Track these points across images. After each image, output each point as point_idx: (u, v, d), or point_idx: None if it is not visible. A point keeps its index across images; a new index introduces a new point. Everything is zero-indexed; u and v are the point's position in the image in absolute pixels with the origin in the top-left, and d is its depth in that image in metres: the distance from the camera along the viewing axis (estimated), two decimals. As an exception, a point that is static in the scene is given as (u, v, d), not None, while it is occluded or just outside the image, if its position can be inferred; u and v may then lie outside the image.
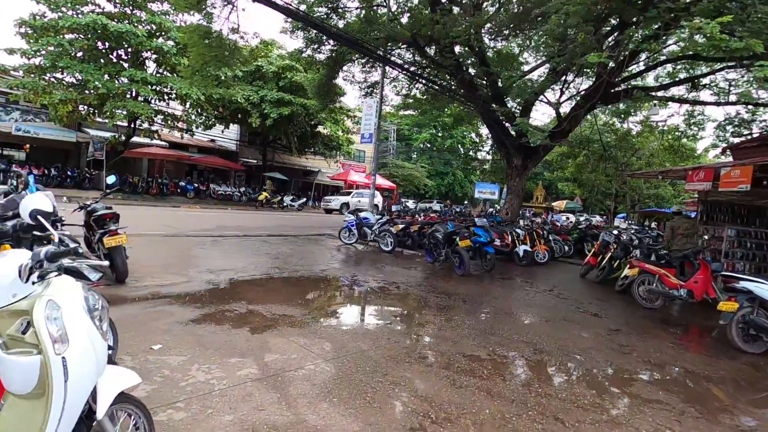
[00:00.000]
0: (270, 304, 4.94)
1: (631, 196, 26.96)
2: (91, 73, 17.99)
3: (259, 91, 23.82)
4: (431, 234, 9.07)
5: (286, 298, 5.30)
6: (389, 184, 36.95)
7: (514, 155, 16.18)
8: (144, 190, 23.17)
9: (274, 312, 4.64)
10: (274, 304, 4.95)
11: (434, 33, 10.63)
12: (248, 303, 4.92)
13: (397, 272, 8.00)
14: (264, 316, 4.48)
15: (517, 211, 17.03)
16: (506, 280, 8.40)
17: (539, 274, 9.45)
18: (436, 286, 7.06)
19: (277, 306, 4.90)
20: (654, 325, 5.76)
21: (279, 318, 4.44)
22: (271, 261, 7.81)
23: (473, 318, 5.20)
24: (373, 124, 13.49)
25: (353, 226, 10.92)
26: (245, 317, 4.37)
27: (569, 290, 7.75)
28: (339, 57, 17.63)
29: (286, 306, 4.93)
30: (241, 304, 4.82)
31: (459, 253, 8.17)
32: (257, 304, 4.91)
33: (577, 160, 21.71)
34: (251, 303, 4.93)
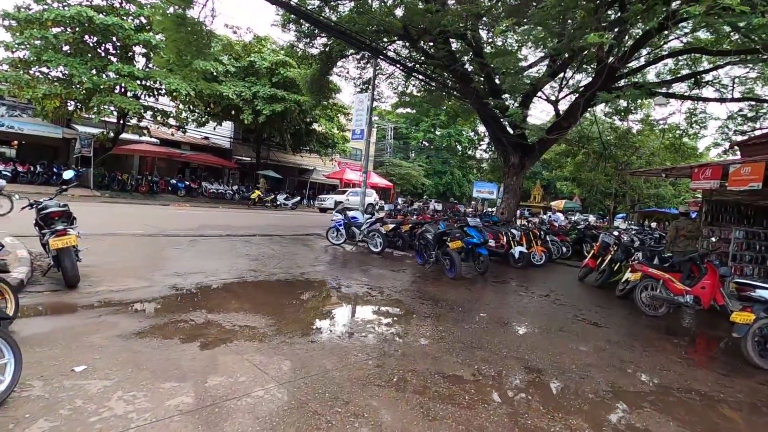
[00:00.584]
0: (233, 313, 4.43)
1: (630, 195, 26.50)
2: (76, 67, 17.45)
3: (251, 87, 23.28)
4: (421, 234, 8.58)
5: (253, 306, 4.80)
6: (386, 183, 36.46)
7: (511, 153, 15.71)
8: (133, 188, 22.63)
9: (235, 323, 4.14)
10: (238, 313, 4.45)
11: (426, 23, 10.14)
12: (209, 312, 4.42)
13: (383, 275, 7.50)
14: (222, 327, 3.98)
15: (514, 210, 16.56)
16: (500, 283, 7.91)
17: (535, 277, 8.95)
18: (424, 291, 6.56)
19: (241, 315, 4.40)
20: (659, 336, 5.26)
21: (239, 330, 3.94)
22: (248, 263, 7.31)
23: (460, 328, 4.70)
24: (365, 120, 12.98)
25: (341, 225, 10.41)
26: (200, 329, 3.87)
27: (567, 295, 7.26)
28: (332, 52, 17.13)
29: (252, 315, 4.43)
30: (200, 313, 4.32)
31: (450, 255, 7.67)
32: (219, 312, 4.41)
33: (576, 159, 21.22)
34: (212, 311, 4.43)
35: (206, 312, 4.40)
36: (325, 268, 7.65)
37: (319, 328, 4.32)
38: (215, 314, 4.35)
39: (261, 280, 6.20)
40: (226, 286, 5.64)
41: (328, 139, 29.35)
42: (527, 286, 7.73)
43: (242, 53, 25.32)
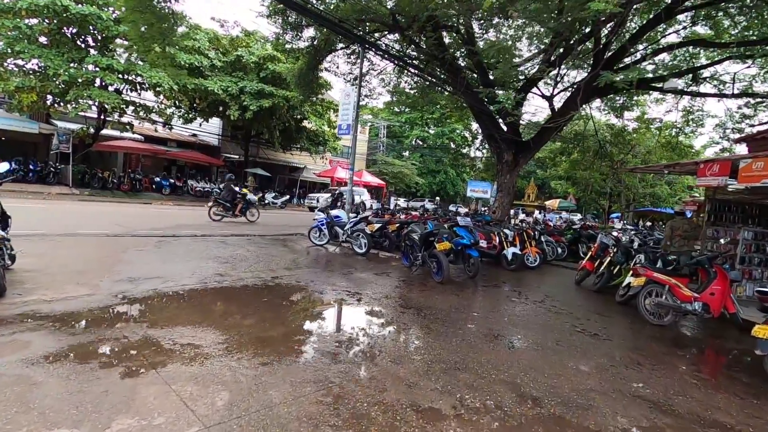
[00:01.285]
0: (180, 328, 3.81)
1: (625, 195, 26.12)
2: (51, 59, 16.64)
3: (238, 82, 22.55)
4: (407, 235, 7.98)
5: (206, 319, 4.17)
6: (378, 182, 35.87)
7: (505, 150, 15.18)
8: (115, 186, 21.81)
9: (177, 340, 3.51)
10: (185, 327, 3.83)
11: (414, 9, 9.54)
12: (151, 326, 3.79)
13: (365, 280, 6.89)
14: (160, 347, 3.35)
15: (508, 209, 16.03)
16: (491, 288, 7.33)
17: (529, 280, 8.39)
18: (407, 297, 5.96)
19: (189, 330, 3.77)
20: (667, 350, 4.70)
21: (179, 350, 3.31)
22: (217, 266, 6.67)
23: (443, 343, 4.11)
24: (351, 115, 12.35)
25: (323, 225, 9.79)
26: (131, 350, 3.24)
27: (563, 301, 6.69)
28: (321, 45, 16.50)
29: (201, 330, 3.81)
30: (139, 328, 3.69)
31: (437, 258, 7.08)
32: (163, 327, 3.78)
33: (571, 157, 20.73)
34: (155, 326, 3.80)
35: (147, 326, 3.77)
36: (302, 272, 7.02)
37: (277, 346, 3.70)
38: (157, 329, 3.72)
39: (225, 286, 5.56)
40: (182, 294, 5.00)
41: (318, 137, 28.67)
42: (520, 291, 7.16)
43: (229, 47, 24.56)
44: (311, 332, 4.17)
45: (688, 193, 27.05)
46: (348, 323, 4.64)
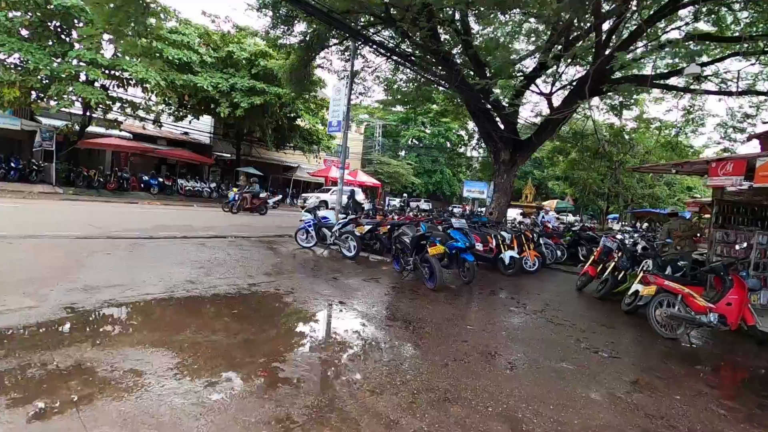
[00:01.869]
0: (125, 349, 3.27)
1: (623, 195, 25.72)
2: (32, 53, 16.00)
3: (229, 78, 21.96)
4: (397, 238, 7.46)
5: (161, 336, 3.64)
6: (373, 182, 35.34)
7: (502, 149, 14.71)
8: (101, 184, 21.15)
9: (117, 365, 2.97)
10: (132, 348, 3.29)
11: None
12: (93, 346, 3.25)
13: (351, 286, 6.37)
14: (93, 374, 2.81)
15: (505, 210, 15.57)
16: (488, 295, 6.82)
17: (528, 286, 7.89)
18: (396, 308, 5.44)
19: (135, 352, 3.23)
20: (685, 369, 4.20)
21: (115, 379, 2.78)
22: (189, 271, 6.12)
23: (433, 366, 3.59)
24: (342, 111, 11.82)
25: (311, 226, 9.25)
26: (55, 380, 2.70)
27: (565, 310, 6.19)
28: (313, 40, 15.97)
29: (150, 351, 3.27)
30: (76, 350, 3.15)
31: (429, 262, 6.57)
32: (105, 347, 3.24)
33: (569, 157, 20.29)
34: (98, 346, 3.26)
35: (89, 347, 3.23)
36: (283, 278, 6.48)
37: (238, 370, 3.17)
38: (98, 351, 3.18)
39: (194, 295, 5.01)
40: (141, 306, 4.45)
41: (312, 135, 28.11)
42: (519, 299, 6.65)
43: (221, 43, 23.96)
44: (281, 353, 3.63)
45: (688, 194, 26.71)
46: (325, 341, 4.11)
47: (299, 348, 3.84)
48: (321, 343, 4.00)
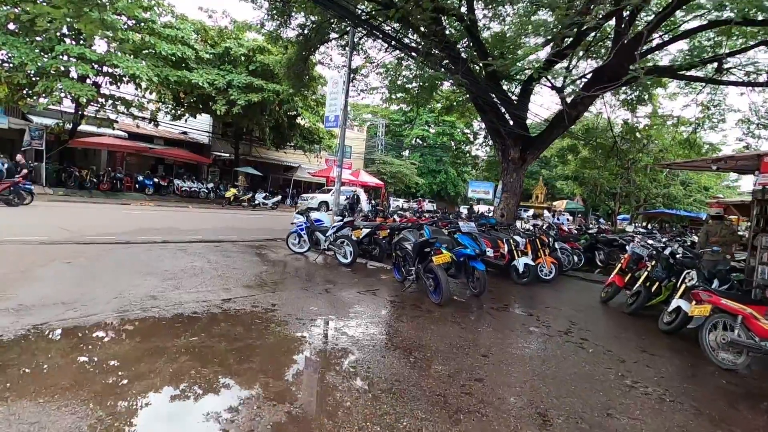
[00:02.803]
0: (23, 402, 2.41)
1: (635, 195, 24.70)
2: (17, 47, 15.28)
3: (226, 75, 21.17)
4: (398, 244, 6.57)
5: (80, 380, 2.78)
6: (376, 182, 34.49)
7: (511, 146, 13.80)
8: (94, 185, 20.40)
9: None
10: (34, 401, 2.43)
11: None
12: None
13: (344, 301, 5.49)
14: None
15: (514, 211, 14.64)
16: (502, 311, 5.91)
17: (546, 298, 6.98)
18: (395, 330, 4.56)
19: (35, 406, 2.37)
20: (764, 419, 3.28)
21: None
22: (155, 284, 5.27)
23: (434, 418, 2.70)
24: (340, 105, 10.96)
25: (303, 230, 8.39)
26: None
27: (595, 331, 5.28)
28: (312, 34, 15.15)
29: (57, 404, 2.41)
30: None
31: (434, 273, 5.68)
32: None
33: (579, 155, 19.30)
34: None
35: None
36: (265, 292, 5.62)
37: None
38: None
39: (150, 317, 4.16)
40: (77, 333, 3.60)
41: (312, 134, 27.30)
42: (538, 315, 5.75)
43: (218, 39, 23.20)
44: (237, 406, 2.76)
45: (706, 194, 25.59)
46: (301, 383, 3.24)
47: (262, 397, 2.96)
48: (292, 387, 3.12)
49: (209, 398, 2.77)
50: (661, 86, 16.86)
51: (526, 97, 14.74)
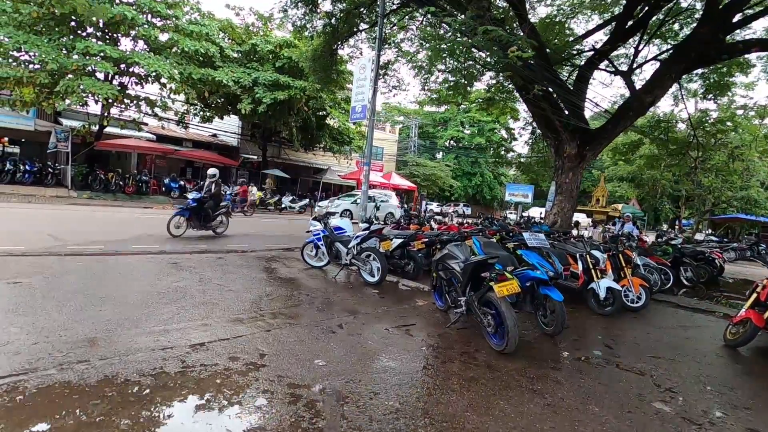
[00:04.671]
0: None
1: (702, 198, 21.70)
2: (38, 45, 14.78)
3: (252, 73, 20.20)
4: (440, 262, 4.87)
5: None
6: (409, 185, 32.82)
7: (567, 141, 11.79)
8: (120, 188, 19.90)
9: None
10: None
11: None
12: None
13: (365, 347, 3.86)
14: None
15: (570, 217, 12.57)
16: (595, 366, 4.06)
17: (647, 339, 5.04)
18: (440, 403, 2.88)
19: None
20: None
21: None
22: (108, 318, 3.85)
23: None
24: (368, 94, 9.42)
25: (320, 240, 6.84)
26: None
27: (760, 410, 3.38)
28: (340, 24, 13.81)
29: None
30: None
31: (496, 308, 3.95)
32: None
33: (642, 152, 16.82)
34: None
35: None
36: (259, 329, 4.08)
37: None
38: None
39: (62, 382, 2.68)
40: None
41: (342, 135, 26.02)
42: (653, 373, 3.87)
43: (245, 37, 22.37)
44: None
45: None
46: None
47: None
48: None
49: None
50: (742, 72, 14.26)
51: (584, 83, 12.69)
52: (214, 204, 9.35)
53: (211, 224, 9.50)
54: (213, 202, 9.30)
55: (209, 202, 9.18)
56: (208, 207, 9.16)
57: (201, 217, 9.10)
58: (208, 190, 9.28)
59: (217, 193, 9.42)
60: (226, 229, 10.08)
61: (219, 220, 9.78)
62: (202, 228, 9.22)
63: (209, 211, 9.20)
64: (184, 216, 8.83)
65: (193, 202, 8.87)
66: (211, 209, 9.26)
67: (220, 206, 9.65)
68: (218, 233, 9.85)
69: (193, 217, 8.93)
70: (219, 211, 9.62)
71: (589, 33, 14.15)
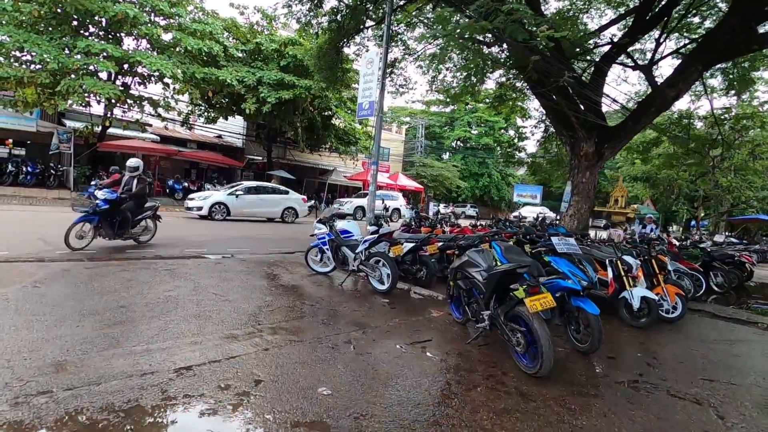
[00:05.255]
0: None
1: (723, 198, 20.95)
2: (38, 44, 14.49)
3: (256, 72, 19.81)
4: (459, 270, 4.36)
5: None
6: (416, 186, 32.32)
7: (583, 139, 11.23)
8: (122, 190, 19.53)
9: None
10: None
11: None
12: None
13: (376, 369, 3.36)
14: None
15: (587, 218, 12.00)
16: (643, 391, 3.50)
17: (692, 357, 4.49)
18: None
19: None
20: None
21: None
22: (85, 336, 3.40)
23: None
24: (375, 89, 8.94)
25: (326, 245, 6.36)
26: None
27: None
28: (346, 21, 13.37)
29: None
30: None
31: (526, 324, 3.44)
32: None
33: (659, 150, 16.17)
34: None
35: None
36: (252, 349, 3.60)
37: None
38: None
39: (6, 424, 2.22)
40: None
41: (348, 135, 25.58)
42: (711, 400, 3.32)
43: (249, 36, 22.02)
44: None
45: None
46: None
47: None
48: None
49: None
50: (765, 66, 13.60)
51: (601, 78, 12.12)
52: (135, 205, 7.31)
53: (132, 232, 7.40)
54: (134, 203, 7.29)
55: (129, 203, 7.18)
56: (127, 209, 7.13)
57: (115, 224, 7.01)
58: (127, 189, 7.29)
59: (140, 192, 7.41)
60: (152, 236, 8.03)
61: (143, 226, 7.74)
62: (117, 237, 7.11)
63: (127, 214, 7.12)
64: (91, 222, 6.76)
65: (105, 204, 6.77)
66: (132, 212, 7.22)
67: (144, 208, 7.64)
68: (141, 242, 7.81)
69: (104, 224, 6.89)
70: (143, 214, 7.61)
71: (603, 27, 13.58)
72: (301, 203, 17.47)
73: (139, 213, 7.50)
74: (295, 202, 17.09)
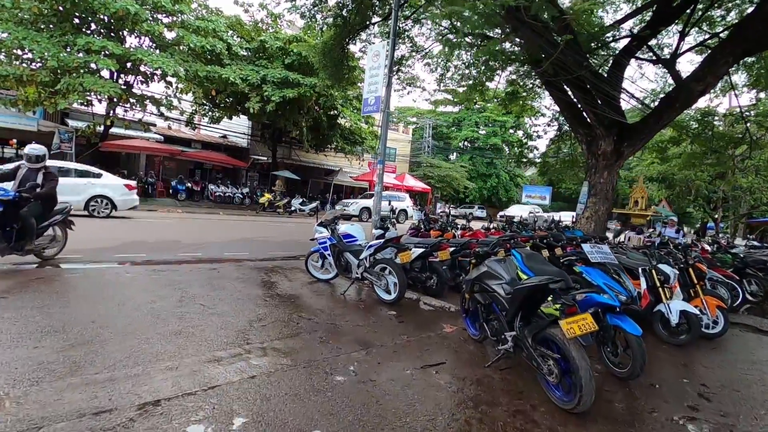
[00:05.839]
0: None
1: (744, 200, 20.13)
2: (37, 41, 14.17)
3: (260, 70, 19.39)
4: (477, 282, 3.81)
5: None
6: (422, 187, 31.74)
7: (601, 137, 10.60)
8: (125, 190, 19.20)
9: None
10: None
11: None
12: None
13: (382, 405, 2.81)
14: None
15: (605, 221, 11.36)
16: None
17: (747, 383, 3.88)
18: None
19: None
20: None
21: None
22: (40, 360, 2.89)
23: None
24: (382, 83, 8.41)
25: (327, 249, 5.83)
26: None
27: None
28: (352, 16, 12.90)
29: None
30: None
31: (561, 351, 2.88)
32: None
33: (682, 149, 15.46)
34: None
35: None
36: (236, 377, 3.08)
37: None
38: None
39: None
40: None
41: (354, 135, 25.09)
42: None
43: (254, 34, 21.63)
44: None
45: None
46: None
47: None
48: None
49: None
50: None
51: (620, 71, 11.48)
52: (41, 209, 5.36)
53: (35, 244, 5.37)
54: (39, 207, 5.33)
55: (32, 205, 5.22)
56: (29, 214, 5.14)
57: (10, 234, 5.11)
58: (31, 186, 5.13)
59: (48, 193, 5.41)
60: (62, 248, 5.91)
61: (50, 236, 5.74)
62: (13, 251, 5.16)
63: (31, 220, 5.16)
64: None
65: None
66: (36, 217, 5.24)
67: (53, 212, 5.61)
68: (46, 257, 5.73)
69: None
70: (51, 220, 5.58)
71: (621, 21, 12.95)
72: (120, 189, 12.50)
73: (46, 218, 5.50)
74: (110, 189, 12.15)
